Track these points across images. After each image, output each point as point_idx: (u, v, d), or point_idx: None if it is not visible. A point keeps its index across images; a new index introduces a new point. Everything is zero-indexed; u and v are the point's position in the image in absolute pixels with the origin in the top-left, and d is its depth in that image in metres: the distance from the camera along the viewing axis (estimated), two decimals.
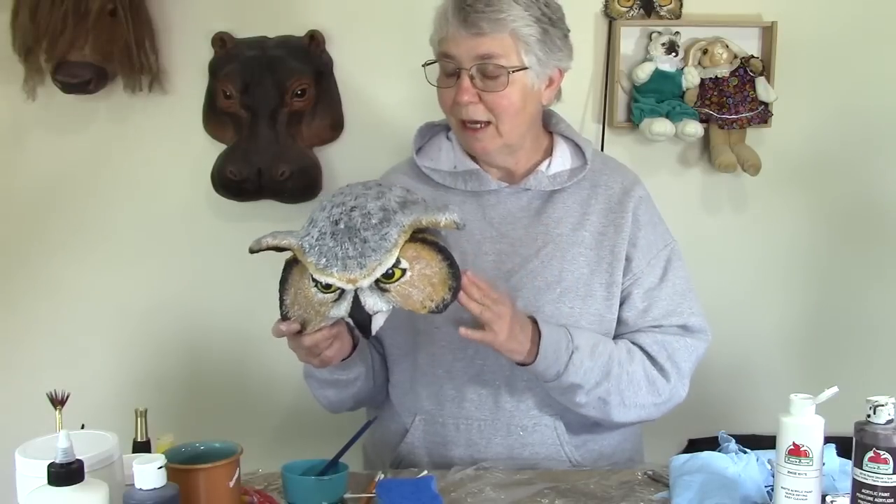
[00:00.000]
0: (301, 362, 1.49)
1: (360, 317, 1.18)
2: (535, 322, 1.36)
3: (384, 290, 1.17)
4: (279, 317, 1.26)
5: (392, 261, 1.15)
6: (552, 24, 1.42)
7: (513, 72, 1.39)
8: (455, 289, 1.19)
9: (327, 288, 1.18)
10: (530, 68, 1.41)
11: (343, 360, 1.38)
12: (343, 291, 1.17)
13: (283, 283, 1.24)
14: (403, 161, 1.61)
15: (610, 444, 1.53)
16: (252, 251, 1.21)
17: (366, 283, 1.15)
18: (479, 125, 1.42)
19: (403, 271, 1.16)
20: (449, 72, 1.42)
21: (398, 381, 1.52)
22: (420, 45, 1.52)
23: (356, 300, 1.17)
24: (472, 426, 1.46)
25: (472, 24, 1.37)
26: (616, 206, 1.49)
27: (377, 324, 1.19)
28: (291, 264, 1.23)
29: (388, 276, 1.16)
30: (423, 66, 1.46)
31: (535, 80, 1.43)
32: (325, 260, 1.15)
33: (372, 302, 1.17)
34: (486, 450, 1.46)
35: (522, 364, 1.36)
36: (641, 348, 1.45)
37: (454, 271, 1.19)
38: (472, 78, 1.39)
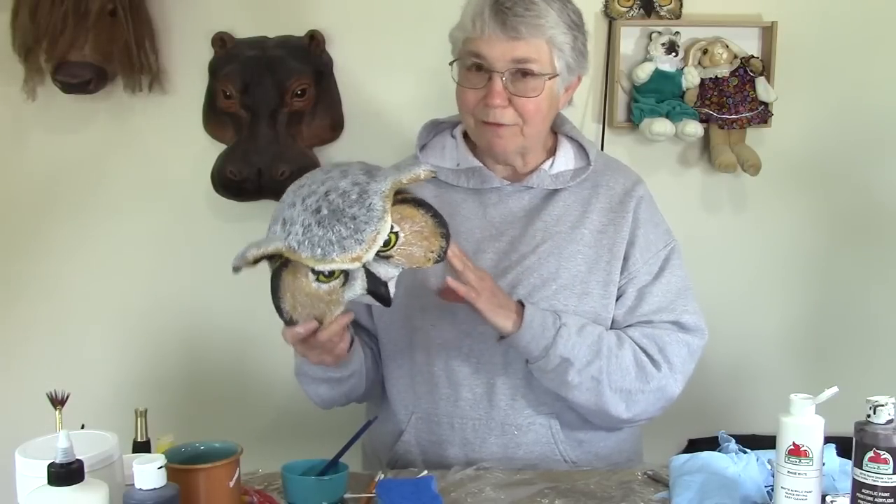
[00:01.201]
0: (296, 362, 1.49)
1: (377, 289, 1.19)
2: (522, 305, 1.37)
3: (387, 258, 1.18)
4: (284, 326, 1.23)
5: (388, 227, 1.16)
6: (579, 31, 1.43)
7: (549, 78, 1.39)
8: (446, 235, 1.22)
9: (330, 276, 1.17)
10: (560, 75, 1.41)
11: None
12: (347, 274, 1.18)
13: (276, 291, 1.20)
14: (407, 158, 1.61)
15: (607, 445, 1.52)
16: (237, 269, 1.16)
17: (370, 256, 1.16)
18: (502, 124, 1.41)
19: (397, 235, 1.18)
20: (476, 72, 1.41)
21: (396, 379, 1.52)
22: (421, 45, 1.53)
23: (368, 274, 1.18)
24: (466, 425, 1.46)
25: (512, 27, 1.36)
26: (617, 206, 1.49)
27: (392, 291, 1.21)
28: (279, 271, 1.19)
29: (385, 243, 1.17)
30: (449, 63, 1.45)
31: (560, 86, 1.44)
32: (320, 250, 1.14)
33: (384, 270, 1.19)
34: (480, 449, 1.45)
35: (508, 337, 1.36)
36: (631, 339, 1.44)
37: (439, 220, 1.22)
38: (503, 81, 1.38)
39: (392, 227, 1.17)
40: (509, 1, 1.36)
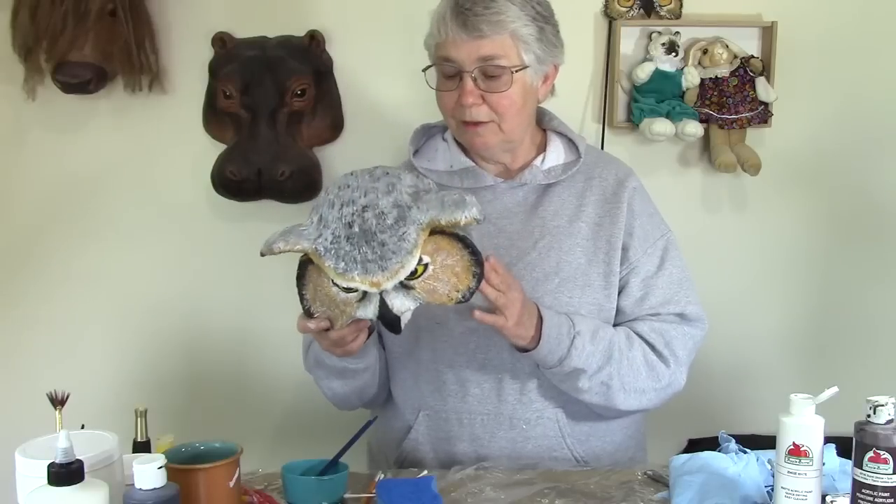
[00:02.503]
0: (303, 360, 1.50)
1: (388, 318, 1.17)
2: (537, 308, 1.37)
3: (409, 289, 1.16)
4: (301, 313, 1.25)
5: (415, 262, 1.13)
6: (546, 21, 1.44)
7: (515, 71, 1.40)
8: (479, 275, 1.18)
9: (349, 289, 1.17)
10: (530, 66, 1.43)
11: None
12: (366, 292, 1.17)
13: (301, 279, 1.22)
14: (400, 163, 1.62)
15: (613, 441, 1.53)
16: (263, 255, 1.19)
17: (390, 285, 1.14)
18: (480, 122, 1.43)
19: (426, 266, 1.15)
20: (449, 74, 1.43)
21: (401, 378, 1.52)
22: (420, 46, 1.53)
23: (382, 303, 1.16)
24: (475, 420, 1.47)
25: (473, 27, 1.38)
26: (611, 197, 1.51)
27: (405, 320, 1.19)
28: (307, 263, 1.21)
29: (411, 273, 1.15)
30: (423, 70, 1.47)
31: (533, 77, 1.45)
32: (343, 264, 1.14)
33: (399, 303, 1.16)
34: (489, 444, 1.47)
35: (525, 350, 1.37)
36: (639, 335, 1.46)
37: (476, 258, 1.18)
38: (474, 80, 1.40)
39: (422, 259, 1.14)
40: (468, 2, 1.39)
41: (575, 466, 1.46)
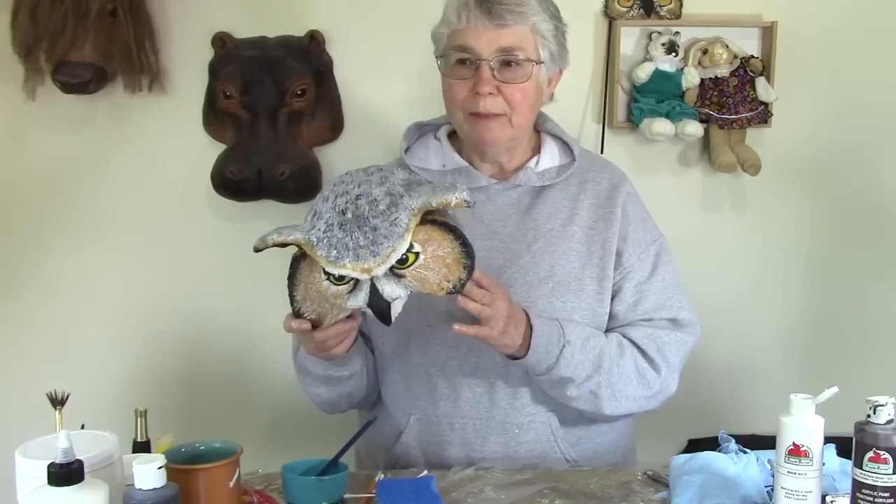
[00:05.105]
0: (293, 362, 1.49)
1: (378, 305, 1.17)
2: (527, 315, 1.37)
3: (399, 277, 1.17)
4: (290, 312, 1.25)
5: (405, 246, 1.14)
6: (560, 21, 1.46)
7: (537, 64, 1.41)
8: (470, 267, 1.19)
9: (340, 280, 1.17)
10: (544, 63, 1.43)
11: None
12: (357, 282, 1.17)
13: (292, 279, 1.23)
14: (392, 161, 1.61)
15: (604, 442, 1.53)
16: (257, 250, 1.19)
17: (381, 271, 1.15)
18: (491, 115, 1.42)
19: (417, 255, 1.16)
20: (462, 65, 1.42)
21: (391, 382, 1.51)
22: (420, 46, 1.53)
23: (373, 289, 1.17)
24: (467, 425, 1.46)
25: (497, 15, 1.38)
26: (605, 202, 1.50)
27: (396, 310, 1.19)
28: (298, 260, 1.21)
29: (401, 261, 1.15)
30: (436, 57, 1.46)
31: (545, 75, 1.46)
32: (335, 252, 1.15)
33: (389, 289, 1.17)
34: (481, 449, 1.46)
35: (513, 357, 1.37)
36: (632, 341, 1.45)
37: (467, 249, 1.19)
38: (491, 70, 1.40)
39: (413, 247, 1.15)
40: None
41: (567, 468, 1.46)
